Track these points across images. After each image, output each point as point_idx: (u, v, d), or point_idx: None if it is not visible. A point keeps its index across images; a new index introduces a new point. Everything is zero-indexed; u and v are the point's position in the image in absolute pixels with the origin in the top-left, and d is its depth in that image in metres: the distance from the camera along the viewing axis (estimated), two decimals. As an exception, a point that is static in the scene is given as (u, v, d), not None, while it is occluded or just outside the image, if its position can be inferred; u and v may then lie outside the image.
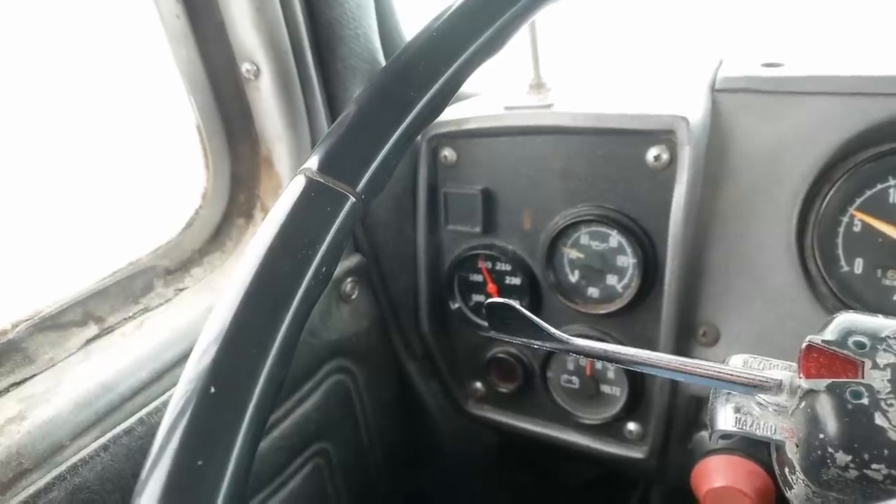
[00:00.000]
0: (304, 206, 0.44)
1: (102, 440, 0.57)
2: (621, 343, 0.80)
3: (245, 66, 0.71)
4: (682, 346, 0.77)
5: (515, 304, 0.53)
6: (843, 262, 0.70)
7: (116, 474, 0.56)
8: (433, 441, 1.00)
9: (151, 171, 0.85)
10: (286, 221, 0.44)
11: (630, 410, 0.82)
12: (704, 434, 0.78)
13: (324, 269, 0.43)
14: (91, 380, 0.59)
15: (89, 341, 0.64)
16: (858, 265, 0.70)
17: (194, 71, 0.71)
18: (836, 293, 0.70)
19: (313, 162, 0.46)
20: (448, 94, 0.50)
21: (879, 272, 0.69)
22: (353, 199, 0.45)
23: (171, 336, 0.66)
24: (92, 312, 0.65)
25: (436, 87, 0.49)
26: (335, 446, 0.84)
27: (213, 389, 0.37)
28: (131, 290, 0.69)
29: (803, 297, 0.71)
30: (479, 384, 0.94)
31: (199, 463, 0.34)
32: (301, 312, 0.42)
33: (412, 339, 0.93)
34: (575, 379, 0.86)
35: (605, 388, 0.84)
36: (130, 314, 0.68)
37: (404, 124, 0.48)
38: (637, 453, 0.83)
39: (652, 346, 0.78)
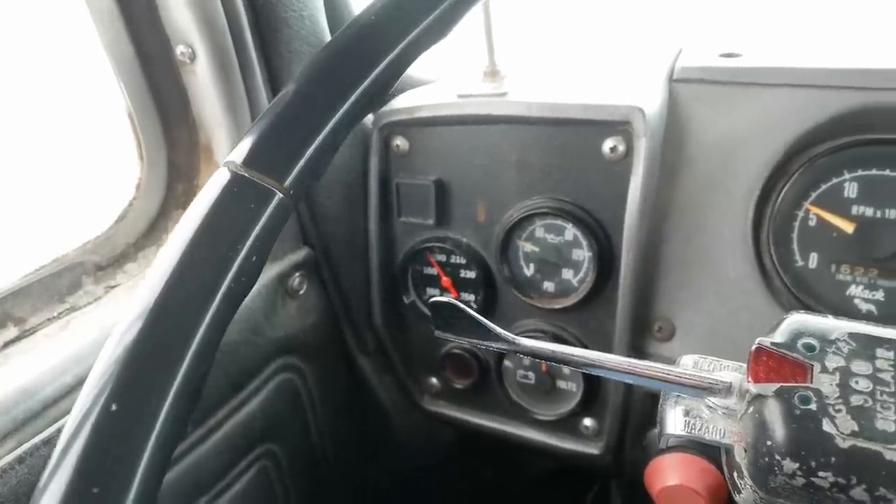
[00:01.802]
0: (225, 204, 0.41)
1: (19, 451, 0.53)
2: (578, 338, 0.79)
3: (180, 49, 0.67)
4: (638, 341, 0.76)
5: (459, 303, 0.51)
6: (797, 257, 0.69)
7: (33, 489, 0.52)
8: (388, 437, 0.97)
9: (81, 161, 0.80)
10: (205, 220, 0.40)
11: (586, 406, 0.81)
12: (659, 431, 0.77)
13: (246, 271, 0.40)
14: (8, 385, 0.55)
15: (7, 344, 0.60)
16: (813, 260, 0.69)
17: (123, 52, 0.67)
18: (791, 288, 0.69)
19: (238, 154, 0.43)
20: (389, 81, 0.47)
21: (833, 267, 0.68)
22: (280, 195, 0.42)
23: (100, 336, 0.62)
24: (11, 313, 0.61)
25: (375, 72, 0.46)
26: (283, 447, 0.81)
27: (114, 407, 0.34)
28: (56, 288, 0.65)
29: (758, 291, 0.70)
30: (434, 379, 0.92)
31: (95, 491, 0.31)
32: (219, 320, 0.39)
33: (364, 334, 0.90)
34: (531, 374, 0.84)
35: (562, 384, 0.83)
36: (55, 314, 0.64)
37: (340, 113, 0.45)
38: (593, 449, 0.82)
39: (608, 342, 0.77)
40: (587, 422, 0.82)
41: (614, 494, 1.13)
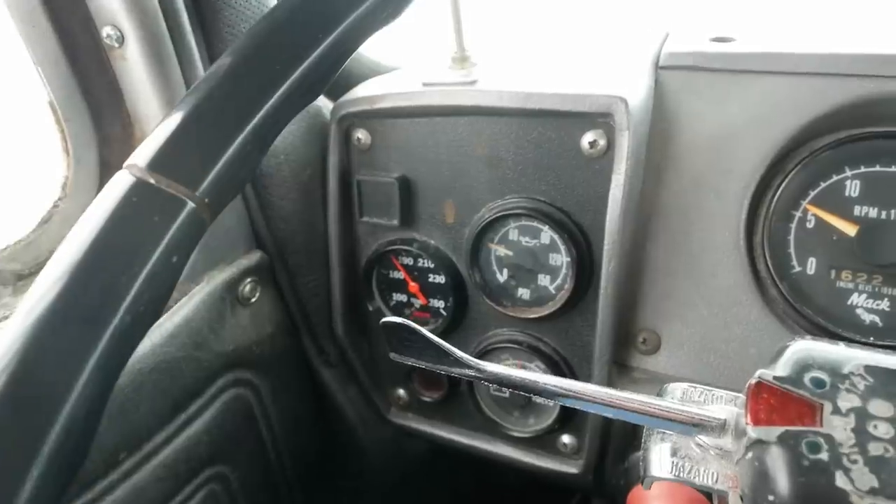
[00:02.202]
0: (123, 215, 0.34)
1: None
2: (556, 350, 0.73)
3: (106, 31, 0.59)
4: (621, 354, 0.70)
5: (413, 324, 0.45)
6: (794, 262, 0.64)
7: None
8: (356, 452, 0.91)
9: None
10: (99, 235, 0.34)
11: (564, 422, 0.75)
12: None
13: (148, 296, 0.33)
14: None
15: None
16: (811, 265, 0.63)
17: (41, 34, 0.59)
18: (787, 296, 0.63)
19: (142, 154, 0.35)
20: (330, 67, 0.40)
21: (833, 273, 0.62)
22: (191, 205, 0.35)
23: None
24: None
25: (313, 57, 0.39)
26: (235, 469, 0.74)
27: None
28: (-34, 301, 0.58)
29: (751, 301, 0.64)
30: (401, 391, 0.85)
31: None
32: (112, 354, 0.32)
33: (326, 344, 0.83)
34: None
35: (538, 398, 0.76)
36: (-37, 331, 0.56)
37: (269, 105, 0.38)
38: (571, 468, 0.76)
39: (588, 354, 0.71)
40: (565, 439, 0.76)
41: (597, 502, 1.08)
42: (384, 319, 0.45)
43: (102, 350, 0.31)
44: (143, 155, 0.35)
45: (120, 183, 0.35)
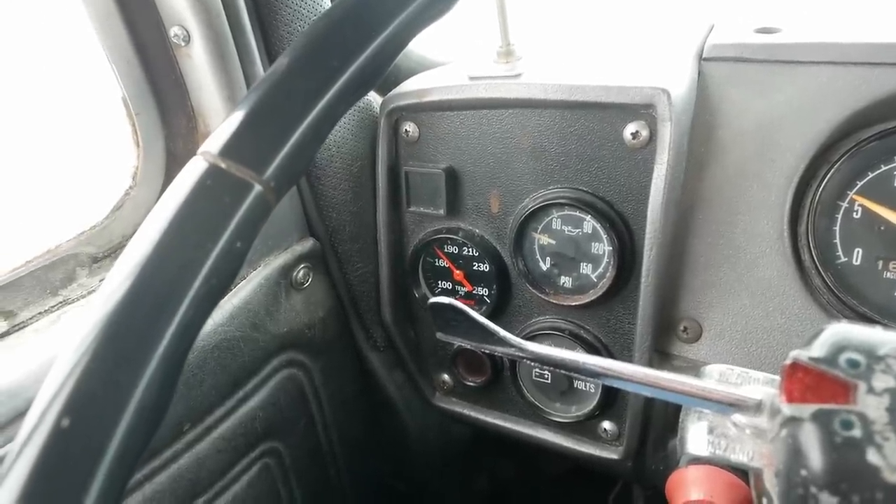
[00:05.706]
0: (198, 197, 0.37)
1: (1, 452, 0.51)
2: (597, 337, 0.75)
3: (174, 31, 0.64)
4: (663, 342, 0.71)
5: (459, 304, 0.47)
6: (840, 252, 0.63)
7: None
8: (400, 434, 0.94)
9: (79, 150, 0.77)
10: (176, 216, 0.37)
11: (605, 408, 0.76)
12: (682, 439, 0.72)
13: (219, 272, 0.37)
14: (-7, 383, 0.53)
15: (-5, 340, 0.57)
16: (857, 256, 0.63)
17: (115, 35, 0.63)
18: (832, 286, 0.63)
19: (214, 142, 0.39)
20: (382, 63, 0.43)
21: (880, 264, 0.62)
22: (258, 188, 0.38)
23: (92, 333, 0.59)
24: (1, 307, 0.59)
25: (367, 53, 0.42)
26: (287, 445, 0.78)
27: (65, 423, 0.31)
28: (49, 280, 0.63)
29: (795, 291, 0.64)
30: (446, 376, 0.88)
31: None
32: (187, 326, 0.35)
33: (374, 329, 0.86)
34: (547, 373, 0.79)
35: (579, 384, 0.78)
36: (47, 308, 0.61)
37: (328, 97, 0.41)
38: (612, 454, 0.77)
39: (629, 341, 0.72)
40: (606, 425, 0.77)
41: (637, 495, 1.08)
42: (432, 300, 0.47)
43: (179, 319, 0.34)
44: (215, 143, 0.38)
45: (195, 168, 0.38)
